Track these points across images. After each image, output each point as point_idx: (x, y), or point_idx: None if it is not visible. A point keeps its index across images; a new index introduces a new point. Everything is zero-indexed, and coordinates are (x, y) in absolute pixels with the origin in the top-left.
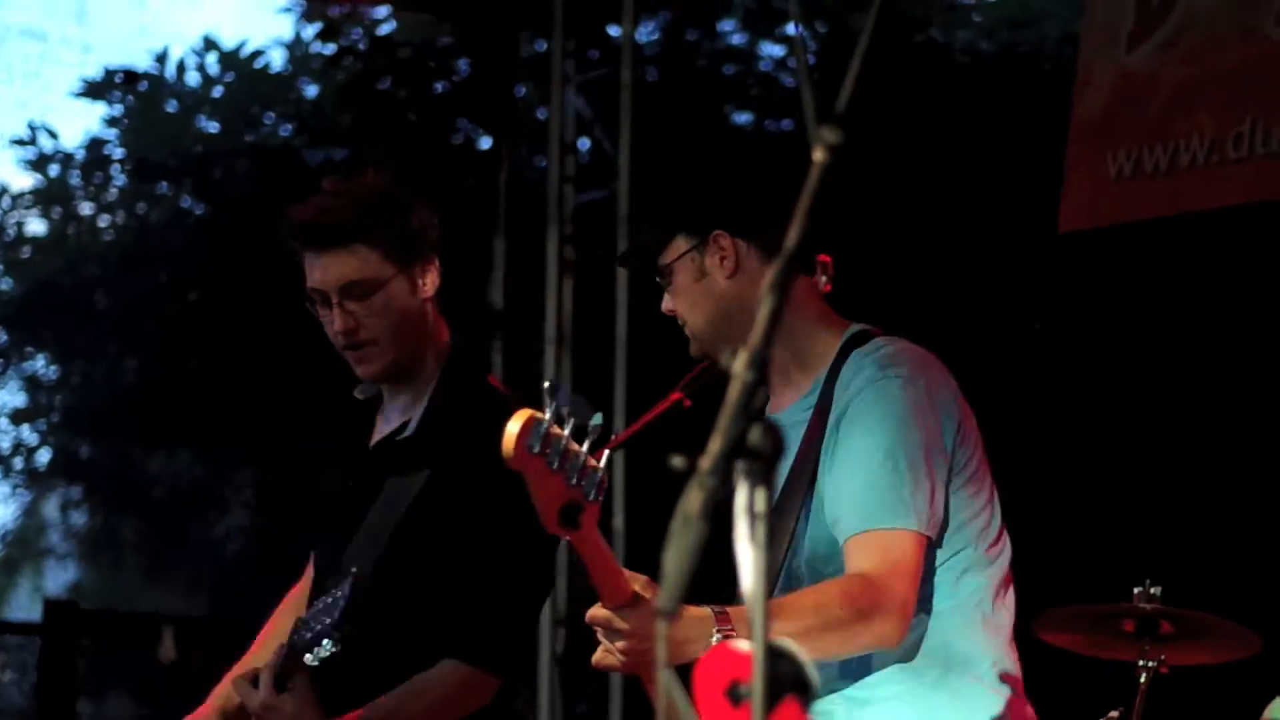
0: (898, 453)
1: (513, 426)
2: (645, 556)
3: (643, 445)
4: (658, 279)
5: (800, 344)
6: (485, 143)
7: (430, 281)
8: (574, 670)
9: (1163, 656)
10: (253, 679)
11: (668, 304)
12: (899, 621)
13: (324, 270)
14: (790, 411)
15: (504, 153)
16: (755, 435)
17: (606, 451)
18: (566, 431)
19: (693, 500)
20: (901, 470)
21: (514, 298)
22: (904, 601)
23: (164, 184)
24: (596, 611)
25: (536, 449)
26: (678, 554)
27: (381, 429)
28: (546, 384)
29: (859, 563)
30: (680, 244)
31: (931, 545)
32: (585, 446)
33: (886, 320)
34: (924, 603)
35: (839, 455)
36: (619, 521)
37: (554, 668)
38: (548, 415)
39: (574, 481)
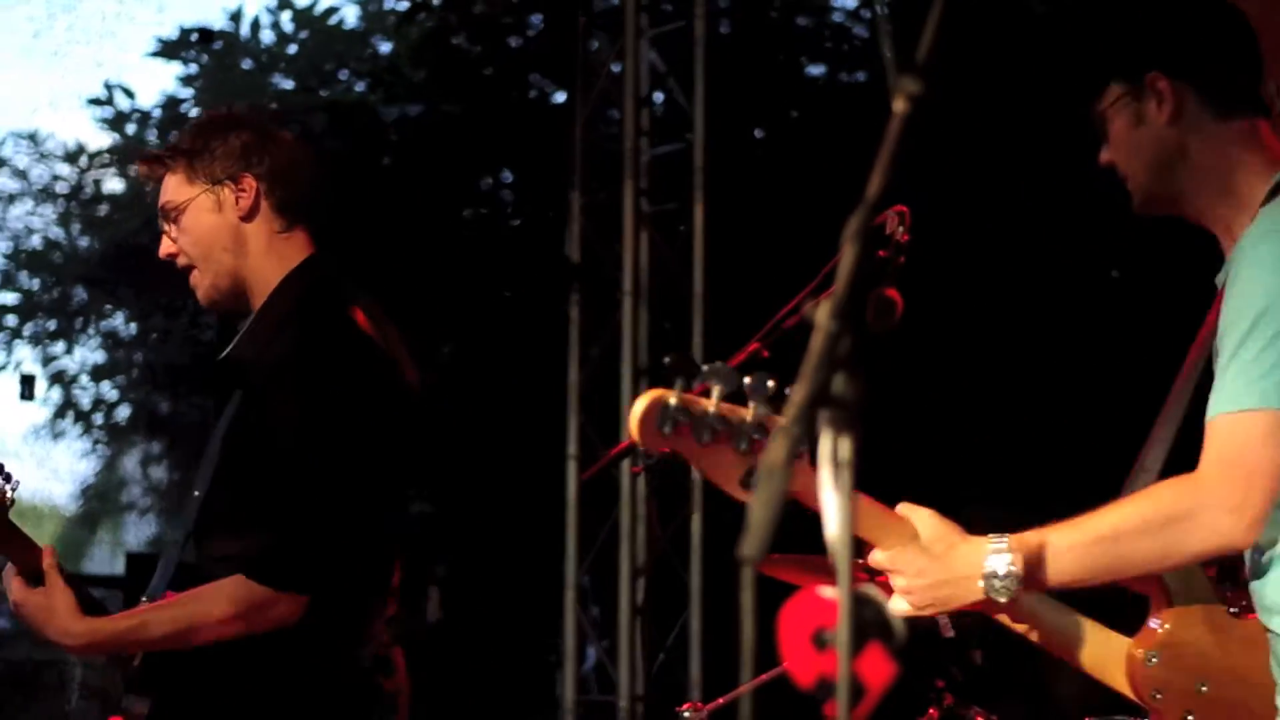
0: (1266, 319)
1: (635, 410)
2: (723, 508)
3: None
4: (1096, 129)
5: (1238, 194)
6: (559, 97)
7: (243, 201)
8: (653, 622)
9: None
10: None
11: (1105, 155)
12: (1227, 523)
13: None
14: None
15: (578, 107)
16: (839, 383)
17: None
18: (714, 399)
19: (776, 450)
20: (1266, 339)
21: (591, 251)
22: (1234, 502)
23: None
24: (872, 557)
25: (669, 429)
26: (763, 503)
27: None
28: (667, 359)
29: (1203, 455)
30: (1115, 89)
31: None
32: (754, 408)
33: (959, 274)
34: None
35: (1219, 331)
36: (696, 474)
37: (633, 619)
38: (675, 391)
39: (745, 447)
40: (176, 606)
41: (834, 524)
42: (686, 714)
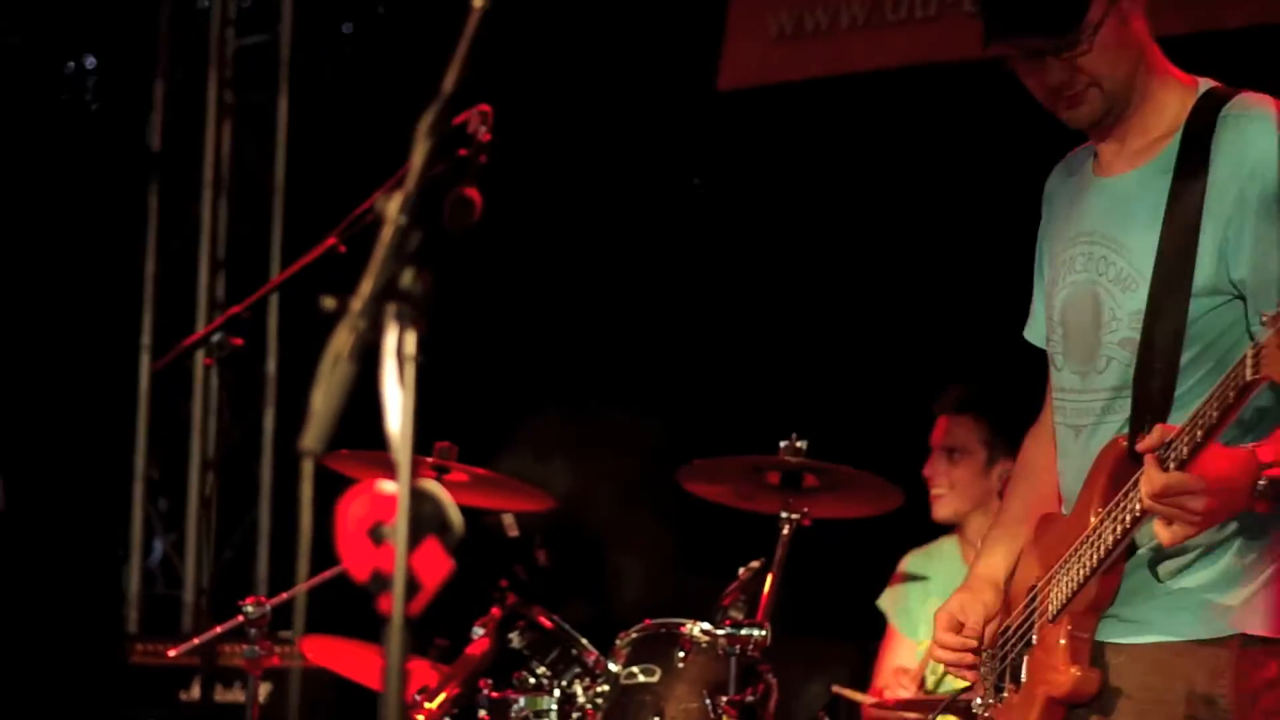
0: None
1: None
2: (296, 399)
3: (297, 289)
4: (1064, 54)
5: (1148, 102)
6: None
7: None
8: (222, 516)
9: (806, 509)
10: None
11: (1058, 76)
12: None
13: None
14: (1140, 175)
15: None
16: (407, 278)
17: None
18: None
19: (342, 340)
20: None
21: (172, 141)
22: None
23: None
24: (1165, 479)
25: None
26: (326, 394)
27: None
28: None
29: None
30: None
31: None
32: None
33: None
34: None
35: (1261, 231)
36: (271, 365)
37: (202, 512)
38: None
39: None
40: None
41: (396, 419)
42: (249, 608)
